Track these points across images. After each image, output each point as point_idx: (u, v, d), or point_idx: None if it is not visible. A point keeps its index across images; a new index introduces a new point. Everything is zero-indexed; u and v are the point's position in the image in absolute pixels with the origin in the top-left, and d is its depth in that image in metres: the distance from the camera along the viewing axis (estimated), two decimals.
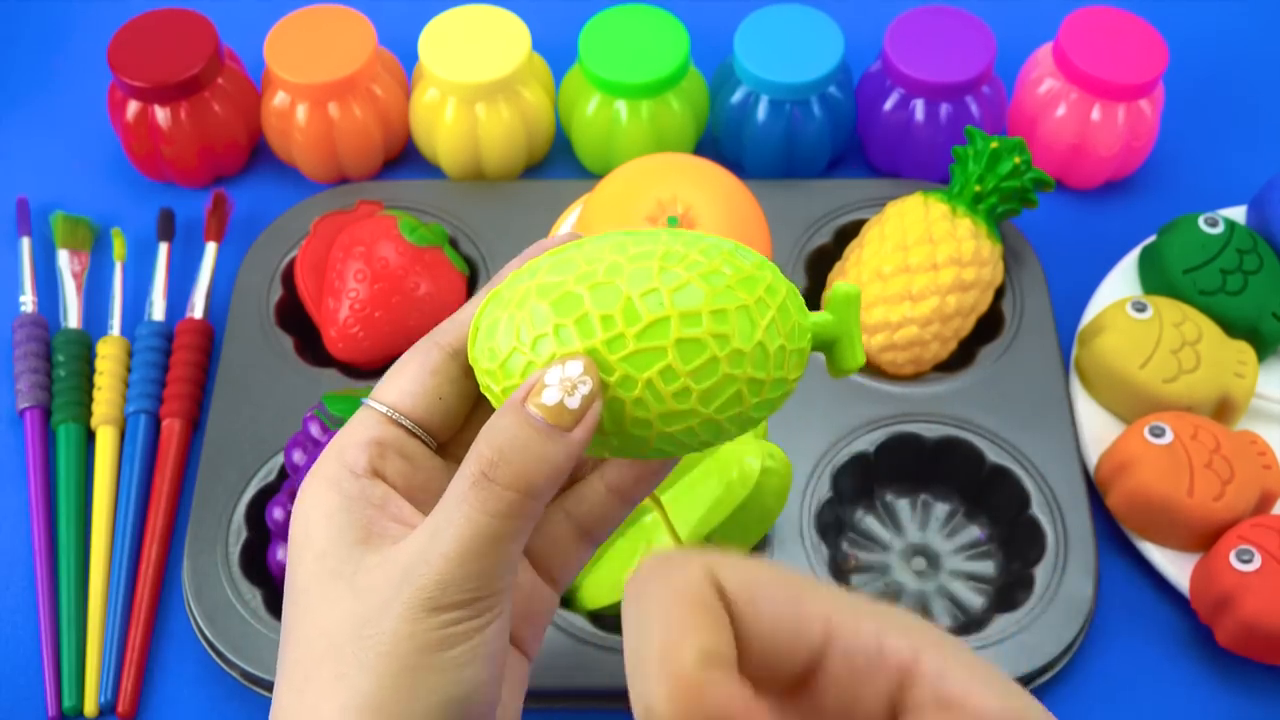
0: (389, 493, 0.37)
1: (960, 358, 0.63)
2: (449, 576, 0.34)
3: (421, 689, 0.34)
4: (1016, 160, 0.63)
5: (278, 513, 0.56)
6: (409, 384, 0.38)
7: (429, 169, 0.73)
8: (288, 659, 0.37)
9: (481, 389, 0.37)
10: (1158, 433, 0.57)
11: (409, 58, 0.73)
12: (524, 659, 0.41)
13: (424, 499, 0.38)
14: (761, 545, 0.56)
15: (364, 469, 0.37)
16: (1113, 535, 0.60)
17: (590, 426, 0.34)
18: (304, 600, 0.36)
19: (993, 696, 0.28)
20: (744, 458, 0.53)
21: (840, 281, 0.55)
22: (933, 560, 0.60)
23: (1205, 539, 0.57)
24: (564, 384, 0.34)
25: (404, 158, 0.74)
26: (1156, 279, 0.65)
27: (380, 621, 0.35)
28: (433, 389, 0.38)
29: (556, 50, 0.74)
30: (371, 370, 0.63)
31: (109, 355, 0.65)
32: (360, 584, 0.35)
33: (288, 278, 0.66)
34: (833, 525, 0.59)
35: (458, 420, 0.39)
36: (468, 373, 0.38)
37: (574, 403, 0.34)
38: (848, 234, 0.67)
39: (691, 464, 0.54)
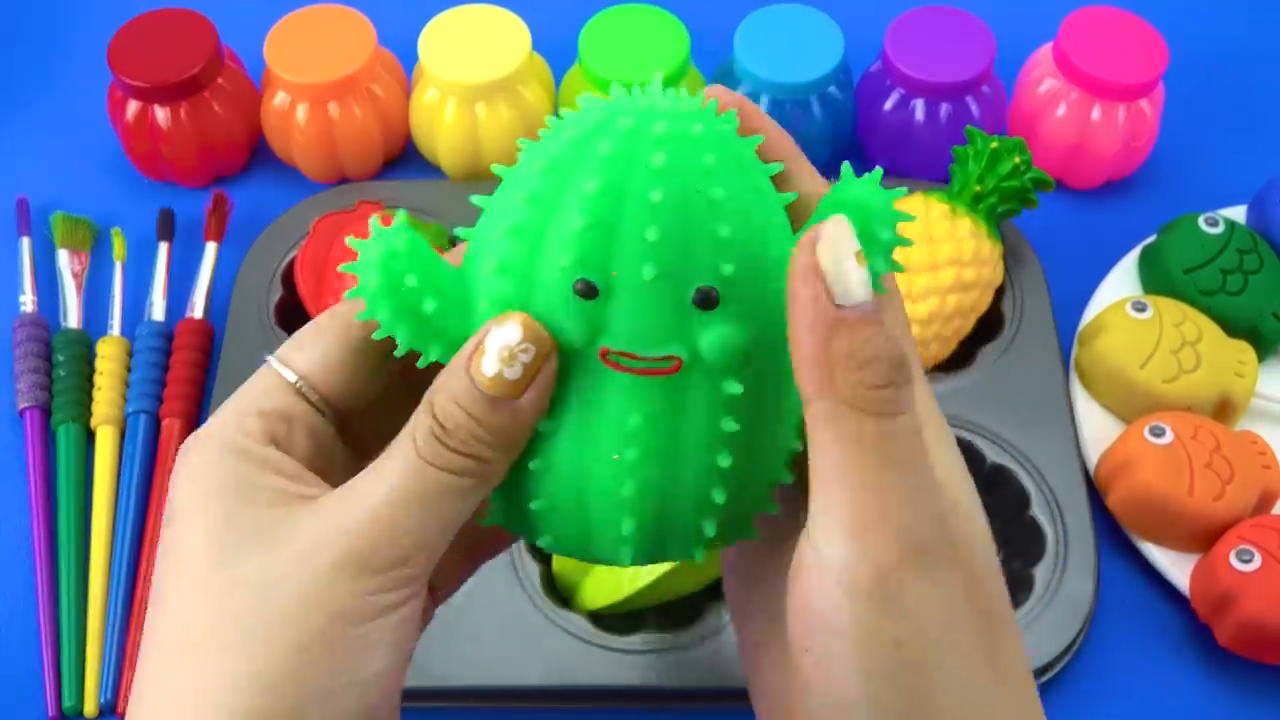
0: (301, 468, 0.33)
1: (960, 358, 0.63)
2: (381, 528, 0.30)
3: (327, 665, 0.30)
4: (1016, 160, 0.63)
5: None
6: (326, 356, 0.34)
7: (429, 169, 0.73)
8: (160, 633, 0.31)
9: None
10: (1158, 433, 0.57)
11: (409, 58, 0.73)
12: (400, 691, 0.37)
13: (330, 483, 0.33)
14: None
15: (267, 440, 0.33)
16: (1113, 535, 0.60)
17: (542, 390, 0.31)
18: (191, 563, 0.31)
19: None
20: None
21: None
22: None
23: (1205, 539, 0.57)
24: (501, 352, 0.30)
25: (404, 158, 0.74)
26: (1156, 279, 0.65)
27: (295, 579, 0.30)
28: (351, 367, 0.34)
29: (556, 50, 0.74)
30: None
31: (109, 355, 0.65)
32: (275, 538, 0.31)
33: (288, 278, 0.66)
34: None
35: (366, 402, 0.35)
36: (388, 355, 0.34)
37: (514, 373, 0.30)
38: None
39: None
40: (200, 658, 0.30)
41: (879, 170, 0.32)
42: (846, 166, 0.32)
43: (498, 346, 0.30)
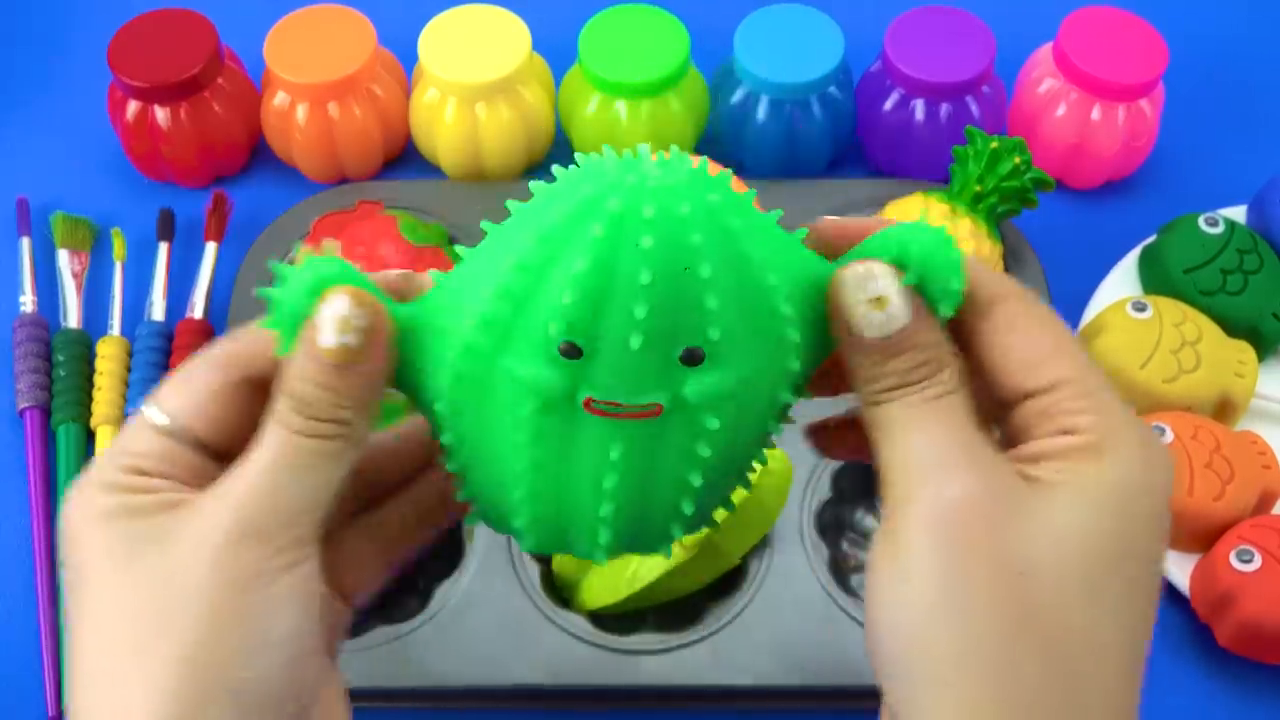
0: (179, 486, 0.35)
1: None
2: (263, 496, 0.33)
3: (239, 632, 0.32)
4: (1016, 160, 0.63)
5: None
6: (197, 402, 0.35)
7: (429, 169, 0.73)
8: (84, 637, 0.33)
9: None
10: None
11: (409, 58, 0.73)
12: (334, 669, 0.38)
13: None
14: (761, 545, 0.56)
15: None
16: None
17: (379, 352, 0.33)
18: (96, 577, 0.33)
19: None
20: None
21: None
22: None
23: (1205, 539, 0.57)
24: (336, 324, 0.32)
25: (404, 158, 0.74)
26: (1156, 279, 0.65)
27: (195, 561, 0.33)
28: (223, 408, 0.35)
29: (556, 50, 0.74)
30: None
31: (109, 355, 0.65)
32: (170, 535, 0.33)
33: None
34: (833, 525, 0.59)
35: (241, 438, 0.36)
36: (260, 392, 0.35)
37: (354, 340, 0.32)
38: None
39: None
40: (124, 651, 0.32)
41: (944, 226, 0.35)
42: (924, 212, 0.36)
43: (331, 319, 0.32)
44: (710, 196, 0.32)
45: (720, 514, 0.38)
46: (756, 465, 0.37)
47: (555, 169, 0.33)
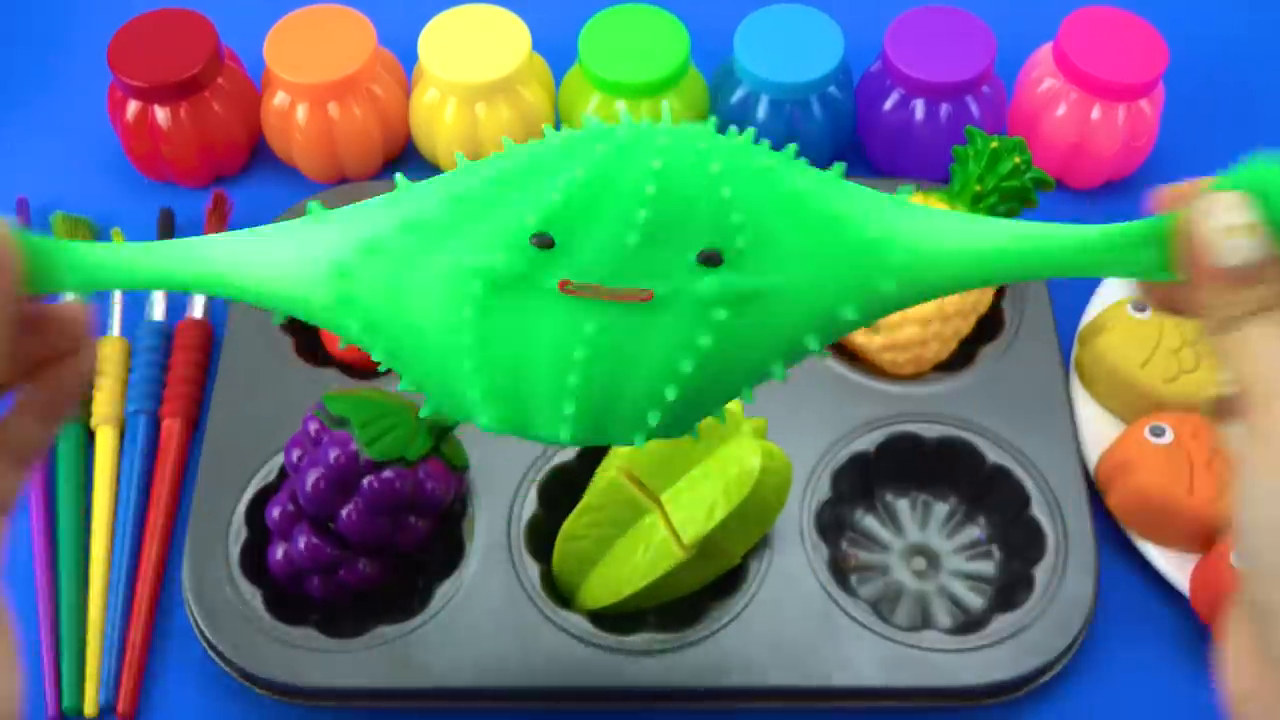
0: None
1: (960, 358, 0.63)
2: None
3: None
4: (1016, 160, 0.63)
5: (277, 513, 0.56)
6: None
7: (429, 169, 0.73)
8: None
9: None
10: (1158, 433, 0.58)
11: (409, 58, 0.73)
12: None
13: None
14: (761, 545, 0.57)
15: None
16: (1113, 535, 0.60)
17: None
18: None
19: None
20: (743, 457, 0.53)
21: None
22: (933, 560, 0.60)
23: (1205, 539, 0.57)
24: None
25: (404, 158, 0.74)
26: None
27: None
28: None
29: (556, 50, 0.74)
30: (373, 370, 0.63)
31: (108, 355, 0.65)
32: None
33: None
34: (833, 525, 0.59)
35: None
36: None
37: None
38: None
39: (690, 463, 0.54)
40: None
41: None
42: None
43: None
44: (735, 140, 0.34)
45: (704, 423, 0.38)
46: (775, 376, 0.37)
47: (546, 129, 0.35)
